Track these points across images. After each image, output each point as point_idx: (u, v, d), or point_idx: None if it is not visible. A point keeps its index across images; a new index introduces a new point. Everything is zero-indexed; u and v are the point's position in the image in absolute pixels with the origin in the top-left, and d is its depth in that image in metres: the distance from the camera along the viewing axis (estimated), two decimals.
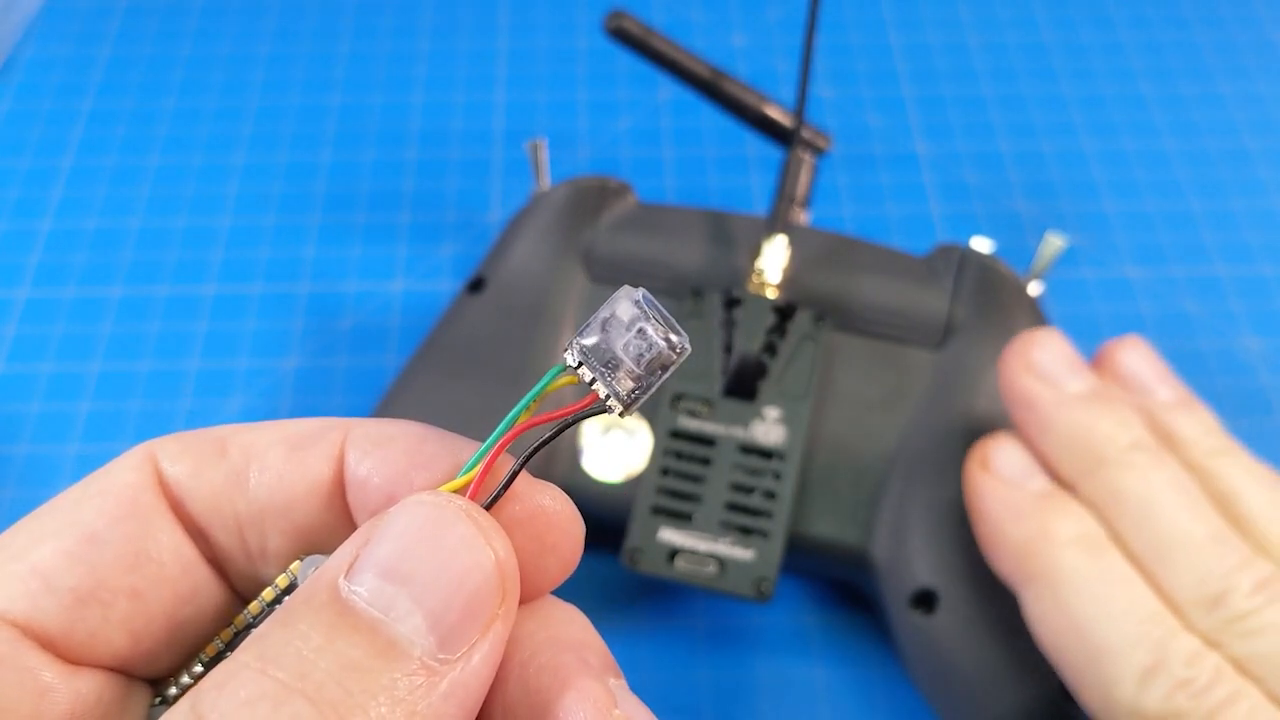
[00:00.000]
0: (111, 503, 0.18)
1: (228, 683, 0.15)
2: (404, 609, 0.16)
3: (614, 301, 0.17)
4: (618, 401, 0.17)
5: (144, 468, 0.19)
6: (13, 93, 0.55)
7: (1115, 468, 0.31)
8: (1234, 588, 0.28)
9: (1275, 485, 0.31)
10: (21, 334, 0.46)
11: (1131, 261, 0.49)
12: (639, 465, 0.37)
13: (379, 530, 0.16)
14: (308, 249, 0.49)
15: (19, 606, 0.17)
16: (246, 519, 0.19)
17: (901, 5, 0.58)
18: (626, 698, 0.17)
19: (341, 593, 0.16)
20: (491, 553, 0.16)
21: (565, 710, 0.16)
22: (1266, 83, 0.55)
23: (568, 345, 0.17)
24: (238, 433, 0.19)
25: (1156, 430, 0.32)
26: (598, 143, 0.53)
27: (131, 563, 0.18)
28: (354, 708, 0.15)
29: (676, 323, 0.17)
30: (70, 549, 0.18)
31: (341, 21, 0.58)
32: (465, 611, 0.16)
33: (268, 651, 0.15)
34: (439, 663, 0.15)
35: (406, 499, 0.17)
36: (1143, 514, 0.30)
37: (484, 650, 0.16)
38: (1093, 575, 0.30)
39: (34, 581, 0.17)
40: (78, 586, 0.18)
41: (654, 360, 0.17)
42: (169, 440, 0.19)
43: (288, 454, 0.19)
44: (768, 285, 0.38)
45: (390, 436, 0.19)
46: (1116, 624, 0.29)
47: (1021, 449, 0.33)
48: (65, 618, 0.17)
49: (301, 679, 0.15)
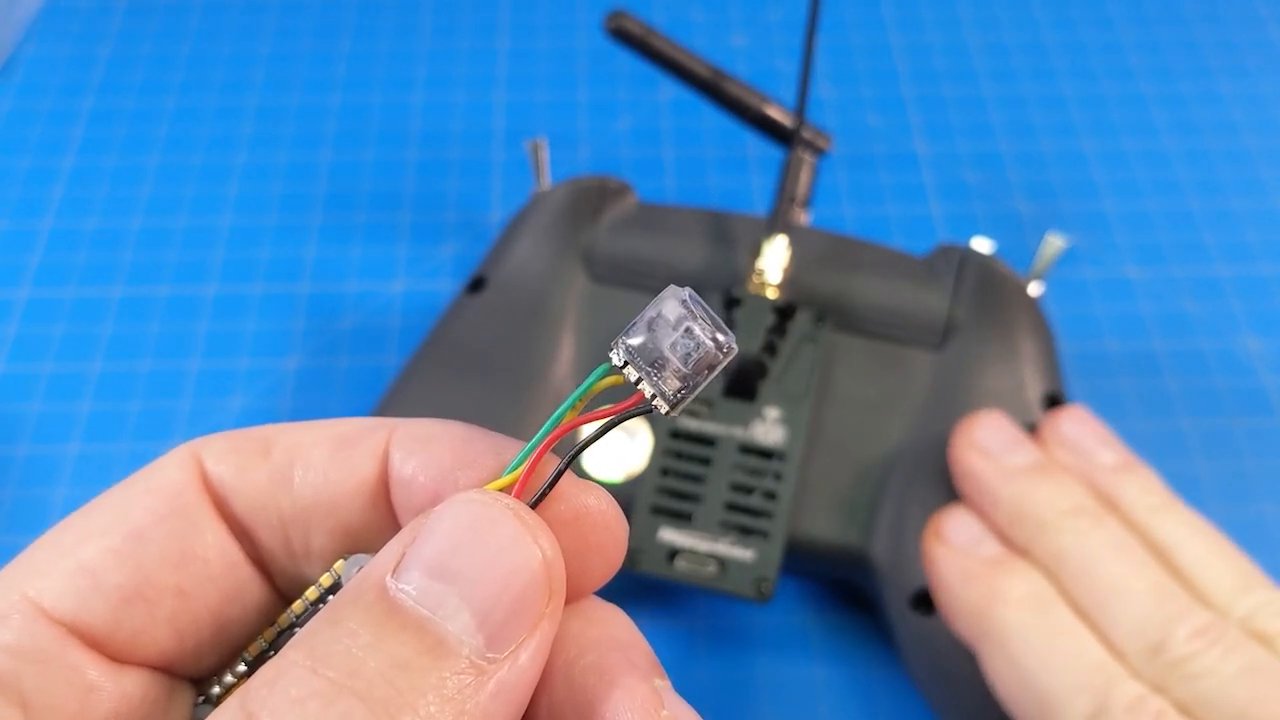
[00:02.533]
0: (158, 501, 0.18)
1: (277, 680, 0.15)
2: (452, 607, 0.16)
3: (660, 301, 0.17)
4: (664, 401, 0.17)
5: (189, 466, 0.19)
6: (14, 92, 0.55)
7: (1056, 531, 0.33)
8: (1174, 635, 0.30)
9: (1213, 537, 0.33)
10: (22, 334, 0.46)
11: (1131, 261, 0.49)
12: (639, 465, 0.37)
13: (425, 528, 0.16)
14: (308, 249, 0.49)
15: (66, 604, 0.17)
16: (291, 518, 0.19)
17: (902, 5, 0.58)
18: (673, 699, 0.17)
19: (389, 591, 0.16)
20: (539, 551, 0.16)
21: (612, 711, 0.16)
22: (1267, 82, 0.55)
23: (614, 344, 0.17)
24: (282, 432, 0.19)
25: (1099, 494, 0.34)
26: (598, 143, 0.53)
27: (177, 561, 0.18)
28: (404, 706, 0.15)
29: (723, 322, 0.17)
30: (117, 547, 0.18)
31: (342, 21, 0.58)
32: (513, 610, 0.16)
33: (317, 649, 0.15)
34: (487, 661, 0.16)
35: (453, 497, 0.17)
36: (1084, 570, 0.32)
37: (531, 649, 0.16)
38: (1039, 630, 0.31)
39: (81, 580, 0.17)
40: (124, 585, 0.18)
41: (701, 360, 0.17)
42: (213, 439, 0.19)
43: (332, 453, 0.19)
44: (768, 285, 0.38)
45: (434, 435, 0.19)
46: (1061, 674, 0.30)
47: (973, 518, 0.35)
48: (111, 616, 0.17)
49: (351, 677, 0.15)
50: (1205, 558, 0.32)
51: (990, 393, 0.38)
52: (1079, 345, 0.46)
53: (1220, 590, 0.32)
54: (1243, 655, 0.29)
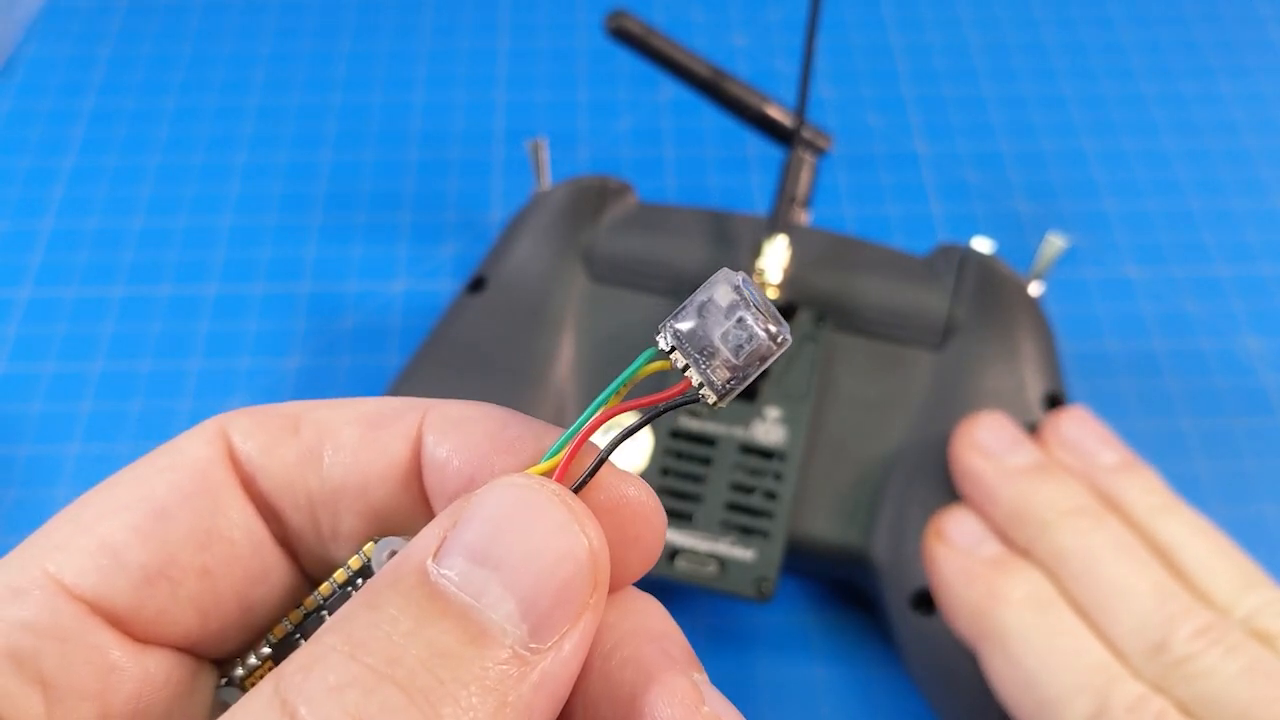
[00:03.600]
0: (183, 477, 0.18)
1: (314, 666, 0.14)
2: (496, 595, 0.15)
3: (711, 285, 0.16)
4: (712, 391, 0.16)
5: (216, 443, 0.18)
6: (14, 92, 0.55)
7: (1057, 531, 0.33)
8: (1175, 635, 0.30)
9: (1215, 537, 0.33)
10: (23, 334, 0.46)
11: (1132, 261, 0.49)
12: (639, 464, 0.37)
13: (468, 512, 0.16)
14: (309, 249, 0.49)
15: (88, 582, 0.17)
16: (320, 499, 0.18)
17: (902, 5, 0.58)
18: (712, 693, 0.16)
19: (430, 576, 0.15)
20: (585, 540, 0.16)
21: (652, 706, 0.16)
22: (1267, 81, 0.55)
23: (661, 328, 0.16)
24: (311, 409, 0.19)
25: (1101, 494, 0.34)
26: (598, 142, 0.53)
27: (202, 540, 0.18)
28: (445, 696, 0.14)
29: (776, 310, 0.17)
30: (140, 524, 0.17)
31: (342, 21, 0.58)
32: (557, 600, 0.15)
33: (355, 635, 0.15)
34: (530, 652, 0.15)
35: (496, 480, 0.16)
36: (1085, 570, 0.32)
37: (574, 640, 0.16)
38: (1040, 630, 0.31)
39: (103, 557, 0.17)
40: (148, 563, 0.17)
41: (754, 352, 0.16)
42: (241, 414, 0.19)
43: (364, 433, 0.18)
44: (768, 285, 0.38)
45: (471, 418, 0.18)
46: (1061, 674, 0.30)
47: (974, 518, 0.35)
48: (134, 595, 0.17)
49: (392, 664, 0.14)
50: (1207, 558, 0.32)
51: (990, 393, 0.38)
52: (1079, 345, 0.46)
53: (1222, 590, 0.32)
54: (1244, 655, 0.29)
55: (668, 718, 0.16)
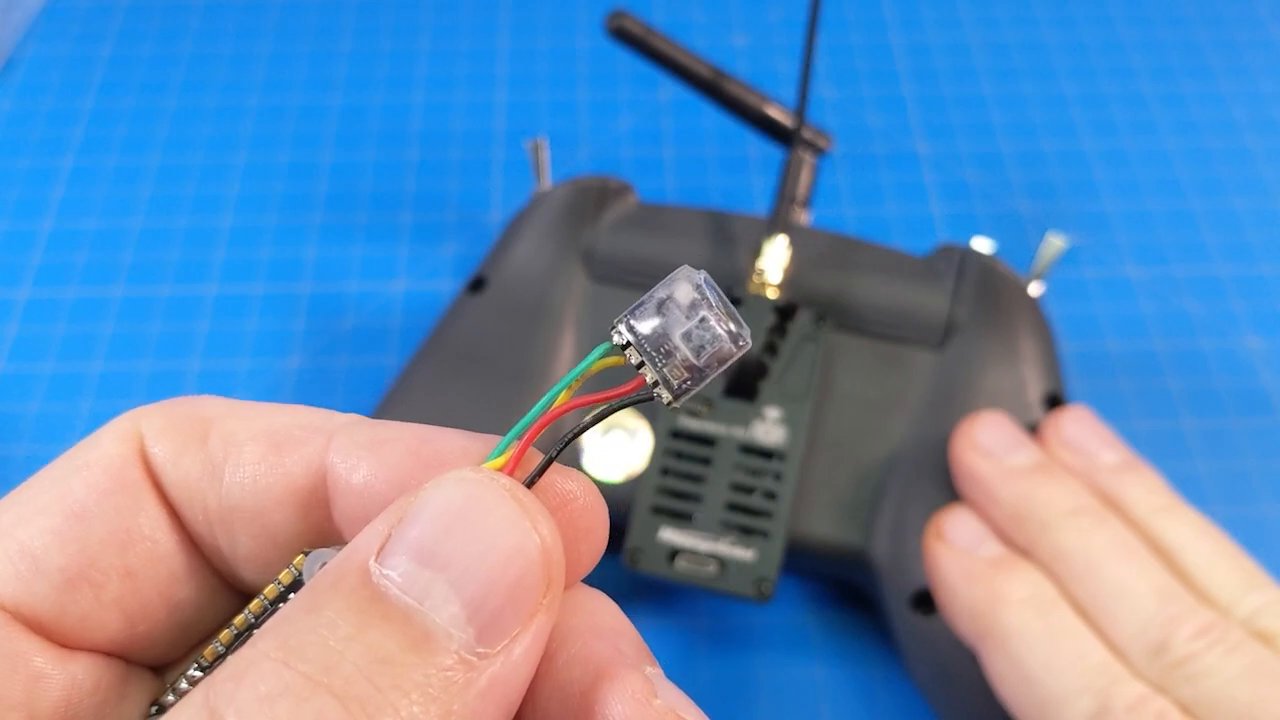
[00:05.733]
0: (98, 476, 0.17)
1: (246, 674, 0.14)
2: (440, 596, 0.14)
3: (672, 281, 0.16)
4: (667, 390, 0.16)
5: (129, 440, 0.18)
6: (14, 92, 0.55)
7: (1058, 531, 0.33)
8: (1176, 635, 0.30)
9: (1216, 538, 0.33)
10: (23, 334, 0.46)
11: (1132, 261, 0.49)
12: (639, 465, 0.37)
13: (414, 509, 0.15)
14: (309, 249, 0.49)
15: (8, 589, 0.16)
16: (216, 516, 0.18)
17: (902, 5, 0.58)
18: (665, 686, 0.16)
19: (373, 577, 0.14)
20: (537, 537, 0.15)
21: (602, 703, 0.15)
22: (1267, 81, 0.55)
23: (617, 322, 0.16)
24: (224, 416, 0.18)
25: (1102, 494, 0.34)
26: (598, 143, 0.53)
27: (123, 540, 0.17)
28: (383, 705, 0.13)
29: (736, 311, 0.16)
30: (58, 526, 0.17)
31: (342, 21, 0.58)
32: (507, 600, 0.15)
33: (290, 640, 0.14)
34: (477, 656, 0.14)
35: (444, 474, 0.15)
36: (1087, 570, 0.32)
37: (526, 643, 0.15)
38: (1041, 631, 0.31)
39: (22, 563, 0.16)
40: (67, 566, 0.17)
41: (715, 354, 0.16)
42: (154, 411, 0.18)
43: (265, 454, 0.18)
44: (768, 285, 0.38)
45: (385, 439, 0.17)
46: (1063, 674, 0.30)
47: (975, 518, 0.35)
48: (56, 600, 0.17)
49: (327, 672, 0.13)
50: (1208, 558, 0.32)
51: (991, 393, 0.38)
52: (1079, 345, 0.46)
53: (1223, 590, 0.32)
54: (1245, 655, 0.29)
55: (620, 714, 0.15)
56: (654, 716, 0.15)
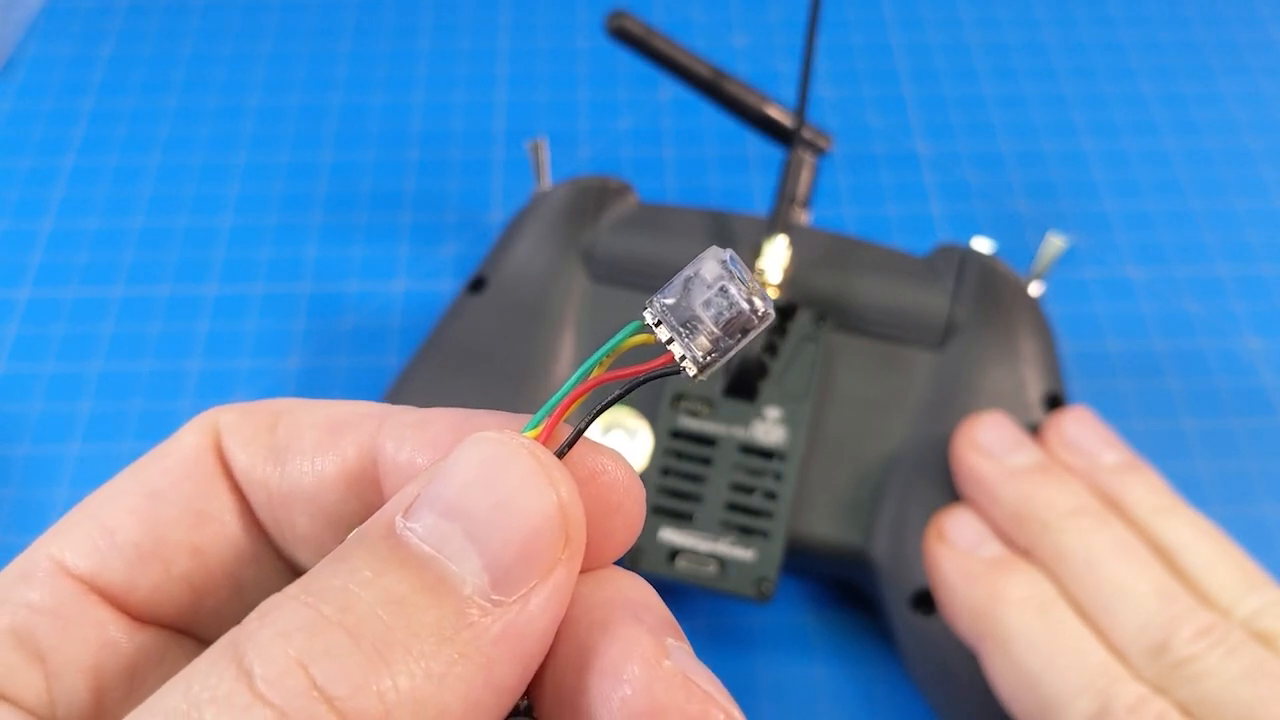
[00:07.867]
0: (174, 464, 0.19)
1: (269, 613, 0.14)
2: (457, 546, 0.15)
3: (700, 260, 0.17)
4: (692, 363, 0.16)
5: (207, 433, 0.19)
6: (15, 92, 0.55)
7: (1059, 531, 0.33)
8: (1176, 636, 0.30)
9: (1217, 539, 0.33)
10: (23, 334, 0.46)
11: (1132, 261, 0.49)
12: (639, 465, 0.37)
13: (444, 469, 0.16)
14: (309, 249, 0.49)
15: (85, 562, 0.18)
16: (279, 498, 0.19)
17: (902, 5, 0.58)
18: (683, 655, 0.16)
19: (396, 529, 0.15)
20: (554, 494, 0.15)
21: (613, 661, 0.15)
22: (1268, 81, 0.55)
23: (648, 302, 0.17)
24: (293, 409, 0.19)
25: (1103, 495, 0.34)
26: (598, 143, 0.53)
27: (193, 520, 0.18)
28: (394, 643, 0.14)
29: (763, 289, 0.17)
30: (134, 505, 0.18)
31: (342, 21, 0.58)
32: (523, 552, 0.15)
33: (314, 584, 0.15)
34: (492, 604, 0.15)
35: (471, 437, 0.16)
36: (1087, 571, 0.32)
37: (543, 596, 0.15)
38: (1041, 631, 0.31)
39: (100, 538, 0.18)
40: (140, 542, 0.18)
41: (733, 321, 0.16)
42: (230, 408, 0.20)
43: (321, 437, 0.19)
44: (768, 285, 0.38)
45: (429, 419, 0.18)
46: (1063, 675, 0.30)
47: (975, 518, 0.35)
48: (128, 573, 0.18)
49: (343, 611, 0.14)
50: (1209, 559, 0.32)
51: (991, 393, 0.38)
52: (1079, 345, 0.46)
53: (1224, 591, 0.32)
54: (1246, 656, 0.29)
55: (628, 674, 0.15)
56: (661, 676, 0.15)
